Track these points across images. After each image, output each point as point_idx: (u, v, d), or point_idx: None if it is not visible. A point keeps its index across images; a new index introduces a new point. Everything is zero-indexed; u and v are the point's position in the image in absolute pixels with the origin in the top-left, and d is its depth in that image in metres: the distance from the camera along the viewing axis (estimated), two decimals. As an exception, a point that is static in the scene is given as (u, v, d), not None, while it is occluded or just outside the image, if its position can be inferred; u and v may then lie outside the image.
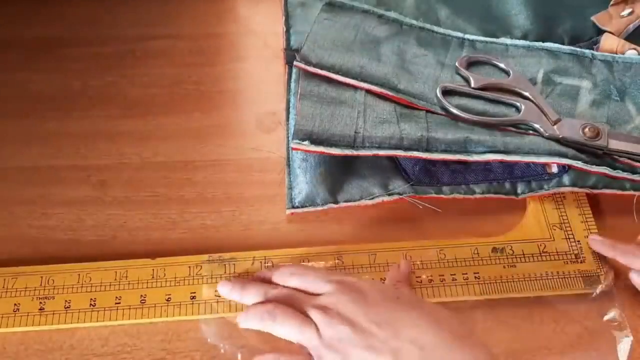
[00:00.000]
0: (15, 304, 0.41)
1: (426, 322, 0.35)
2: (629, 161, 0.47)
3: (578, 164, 0.45)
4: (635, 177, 0.46)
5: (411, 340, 0.34)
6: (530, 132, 0.48)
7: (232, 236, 0.46)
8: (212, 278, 0.43)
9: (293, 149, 0.45)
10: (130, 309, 0.41)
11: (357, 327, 0.35)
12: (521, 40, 0.55)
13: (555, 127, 0.48)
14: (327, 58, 0.50)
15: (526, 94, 0.50)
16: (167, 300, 0.42)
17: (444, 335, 0.34)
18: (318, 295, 0.38)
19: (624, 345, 0.40)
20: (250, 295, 0.40)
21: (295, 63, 0.50)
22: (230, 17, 0.61)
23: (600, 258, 0.44)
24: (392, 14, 0.56)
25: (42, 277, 0.43)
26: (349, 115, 0.47)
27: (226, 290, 0.41)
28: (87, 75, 0.55)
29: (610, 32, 0.55)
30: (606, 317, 0.42)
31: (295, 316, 0.37)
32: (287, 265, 0.41)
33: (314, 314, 0.37)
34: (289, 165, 0.48)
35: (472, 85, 0.50)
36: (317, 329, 0.36)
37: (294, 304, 0.38)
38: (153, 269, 0.43)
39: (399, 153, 0.46)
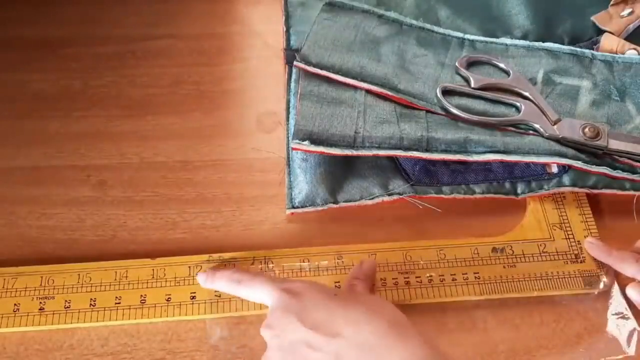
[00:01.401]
0: (15, 304, 0.41)
1: (362, 316, 0.35)
2: (629, 161, 0.47)
3: (578, 164, 0.45)
4: (635, 177, 0.46)
5: (350, 338, 0.34)
6: (530, 132, 0.48)
7: (232, 236, 0.46)
8: (212, 278, 0.43)
9: (293, 149, 0.45)
10: (130, 309, 0.41)
11: (296, 335, 0.35)
12: (521, 40, 0.55)
13: (555, 127, 0.48)
14: (327, 58, 0.50)
15: (526, 94, 0.50)
16: (167, 300, 0.42)
17: (380, 326, 0.34)
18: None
19: (632, 337, 0.41)
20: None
21: (295, 63, 0.50)
22: (230, 17, 0.61)
23: None
24: (392, 14, 0.56)
25: (42, 277, 0.43)
26: (349, 116, 0.47)
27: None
28: (87, 75, 0.55)
29: (610, 32, 0.55)
30: (612, 312, 0.42)
31: None
32: (229, 272, 0.41)
33: (262, 332, 0.37)
34: (289, 165, 0.48)
35: (472, 85, 0.50)
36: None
37: None
38: (153, 269, 0.43)
39: (399, 153, 0.46)
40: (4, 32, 0.58)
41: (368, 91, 0.49)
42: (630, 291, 0.42)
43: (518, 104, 0.49)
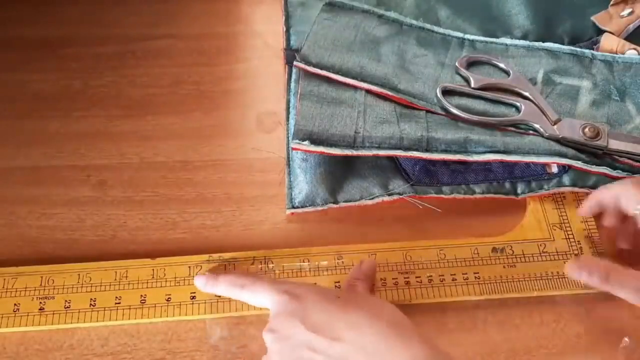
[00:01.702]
0: (15, 304, 0.41)
1: (363, 319, 0.35)
2: (629, 161, 0.47)
3: (578, 164, 0.45)
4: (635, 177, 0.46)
5: (352, 342, 0.34)
6: (530, 132, 0.48)
7: (232, 236, 0.46)
8: (212, 278, 0.43)
9: (293, 149, 0.45)
10: (130, 309, 0.41)
11: (298, 337, 0.35)
12: (521, 40, 0.55)
13: (555, 127, 0.48)
14: (327, 58, 0.50)
15: (526, 94, 0.50)
16: (167, 300, 0.42)
17: (381, 328, 0.35)
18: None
19: (626, 345, 0.41)
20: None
21: (295, 63, 0.50)
22: (230, 17, 0.61)
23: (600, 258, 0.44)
24: (392, 14, 0.56)
25: (42, 277, 0.43)
26: (349, 116, 0.47)
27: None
28: (87, 75, 0.55)
29: (610, 32, 0.55)
30: (608, 319, 0.42)
31: None
32: (232, 277, 0.41)
33: (264, 336, 0.37)
34: (289, 165, 0.48)
35: (472, 85, 0.50)
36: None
37: None
38: (153, 269, 0.43)
39: (399, 153, 0.46)
40: (4, 32, 0.58)
41: (368, 91, 0.49)
42: (570, 269, 0.40)
43: (518, 104, 0.49)
